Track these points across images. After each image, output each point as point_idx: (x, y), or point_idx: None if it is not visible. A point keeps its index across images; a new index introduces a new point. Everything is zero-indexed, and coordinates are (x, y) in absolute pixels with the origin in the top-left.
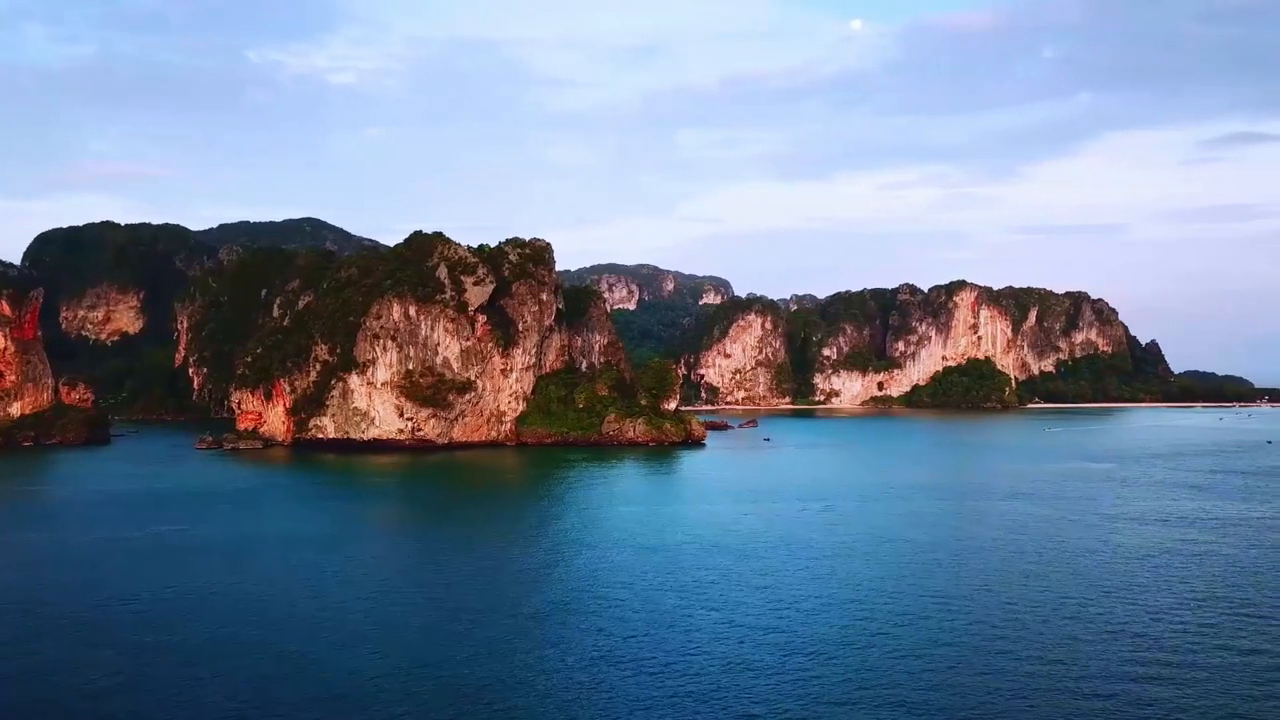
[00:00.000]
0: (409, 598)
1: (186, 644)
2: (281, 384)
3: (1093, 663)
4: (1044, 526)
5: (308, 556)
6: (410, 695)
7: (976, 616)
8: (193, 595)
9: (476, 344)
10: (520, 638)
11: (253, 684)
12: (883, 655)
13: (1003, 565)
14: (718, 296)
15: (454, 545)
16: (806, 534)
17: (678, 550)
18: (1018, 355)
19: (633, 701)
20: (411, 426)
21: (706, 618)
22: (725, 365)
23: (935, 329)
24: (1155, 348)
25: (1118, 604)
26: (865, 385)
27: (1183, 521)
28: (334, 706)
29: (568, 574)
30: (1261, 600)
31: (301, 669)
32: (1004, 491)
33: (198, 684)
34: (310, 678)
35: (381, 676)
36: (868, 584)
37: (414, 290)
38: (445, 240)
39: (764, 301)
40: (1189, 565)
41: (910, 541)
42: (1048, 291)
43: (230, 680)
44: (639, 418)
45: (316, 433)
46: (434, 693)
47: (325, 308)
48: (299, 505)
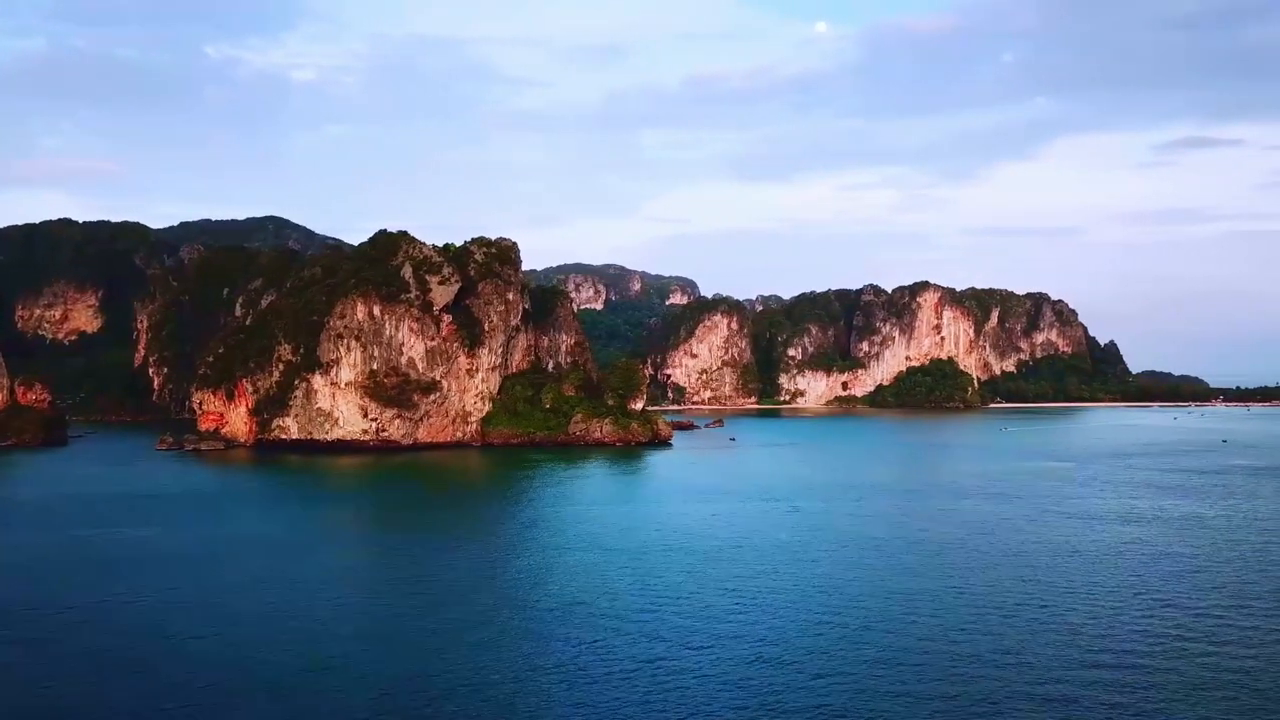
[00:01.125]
0: (372, 602)
1: (146, 653)
2: (244, 384)
3: (1055, 663)
4: (1006, 526)
5: (272, 562)
6: (381, 698)
7: (942, 618)
8: (150, 603)
9: (442, 344)
10: (487, 641)
11: (213, 690)
12: (849, 658)
13: (966, 565)
14: (684, 297)
15: (419, 549)
16: (773, 534)
17: (645, 551)
18: (980, 355)
19: (603, 705)
20: (376, 427)
21: (674, 620)
22: (692, 365)
23: (899, 329)
24: (1114, 348)
25: (1079, 603)
26: (830, 385)
27: (1141, 520)
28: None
29: (535, 576)
30: (1218, 599)
31: (265, 675)
32: (966, 491)
33: (155, 695)
34: (275, 683)
35: (347, 681)
36: (833, 585)
37: (378, 290)
38: (410, 239)
39: (730, 302)
40: (1148, 564)
41: (875, 541)
42: (1009, 292)
43: (187, 689)
44: (606, 418)
45: (279, 433)
46: (400, 698)
47: (288, 307)
48: (262, 508)
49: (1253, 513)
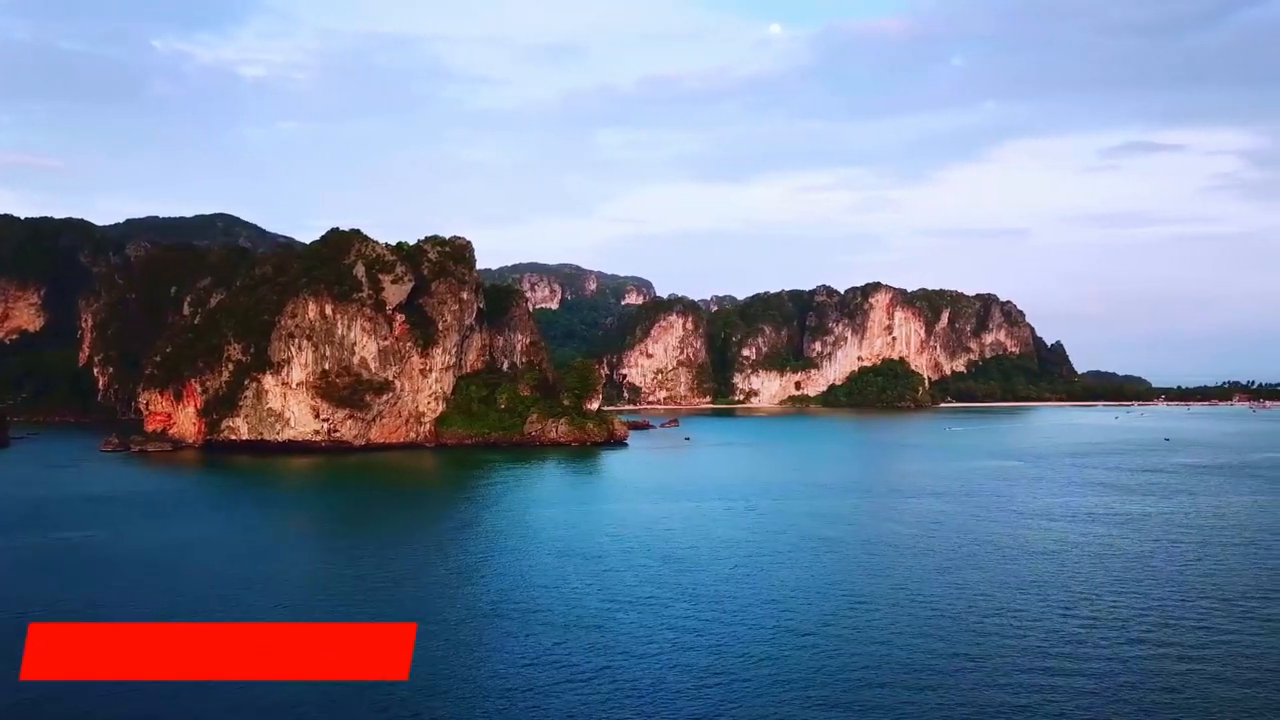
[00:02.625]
0: (322, 605)
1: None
2: (192, 384)
3: (1008, 661)
4: (957, 525)
5: (223, 565)
6: (330, 705)
7: (897, 619)
8: (101, 612)
9: (395, 343)
10: (443, 645)
11: (165, 696)
12: (806, 661)
13: (920, 565)
14: (640, 297)
15: (371, 551)
16: (729, 534)
17: (600, 552)
18: (930, 356)
19: (559, 711)
20: (328, 428)
21: (631, 623)
22: (647, 365)
23: (851, 330)
24: (1060, 348)
25: (1030, 603)
26: (783, 385)
27: (1088, 519)
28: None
29: (490, 578)
30: (1164, 595)
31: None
32: (918, 490)
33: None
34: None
35: (293, 690)
36: (789, 586)
37: (330, 289)
38: (362, 238)
39: (685, 302)
40: (1096, 563)
41: (829, 541)
42: (959, 293)
43: (142, 694)
44: (561, 418)
45: (229, 434)
46: (354, 703)
47: (238, 306)
48: (212, 509)
49: (1194, 510)
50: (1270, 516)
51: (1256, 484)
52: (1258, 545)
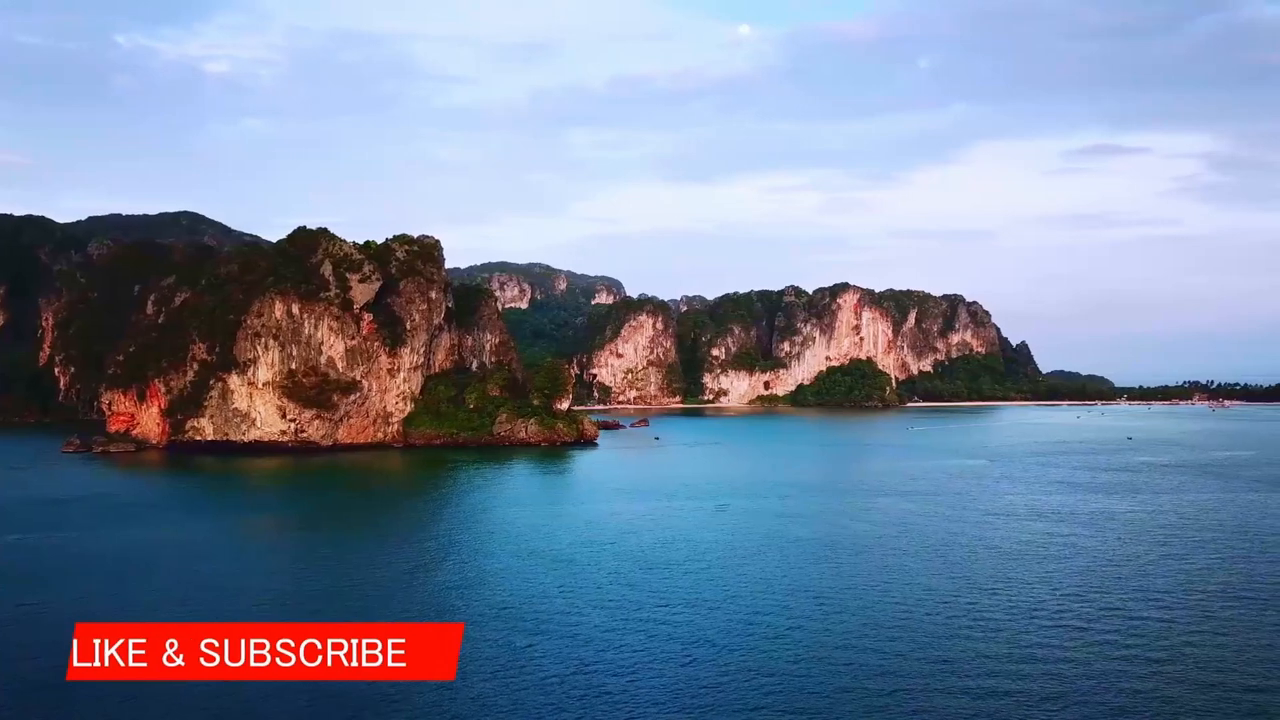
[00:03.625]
0: (286, 609)
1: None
2: (156, 384)
3: (976, 662)
4: (925, 523)
5: (190, 567)
6: (306, 708)
7: (867, 617)
8: (62, 617)
9: (362, 343)
10: None
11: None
12: (778, 659)
13: (888, 564)
14: (610, 296)
15: (338, 553)
16: (700, 533)
17: (571, 552)
18: (898, 355)
19: (532, 711)
20: (295, 428)
21: (602, 623)
22: (617, 365)
23: (819, 330)
24: (1025, 348)
25: (999, 600)
26: (752, 384)
27: (1054, 517)
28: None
29: (458, 580)
30: (1129, 594)
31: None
32: (885, 489)
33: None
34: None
35: (263, 691)
36: (760, 584)
37: (297, 287)
38: (330, 236)
39: (655, 302)
40: (1062, 561)
41: (799, 539)
42: (926, 294)
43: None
44: (531, 418)
45: (194, 434)
46: (323, 708)
47: (203, 305)
48: (177, 511)
49: (1158, 508)
50: (1230, 514)
51: (1218, 482)
52: (1219, 543)
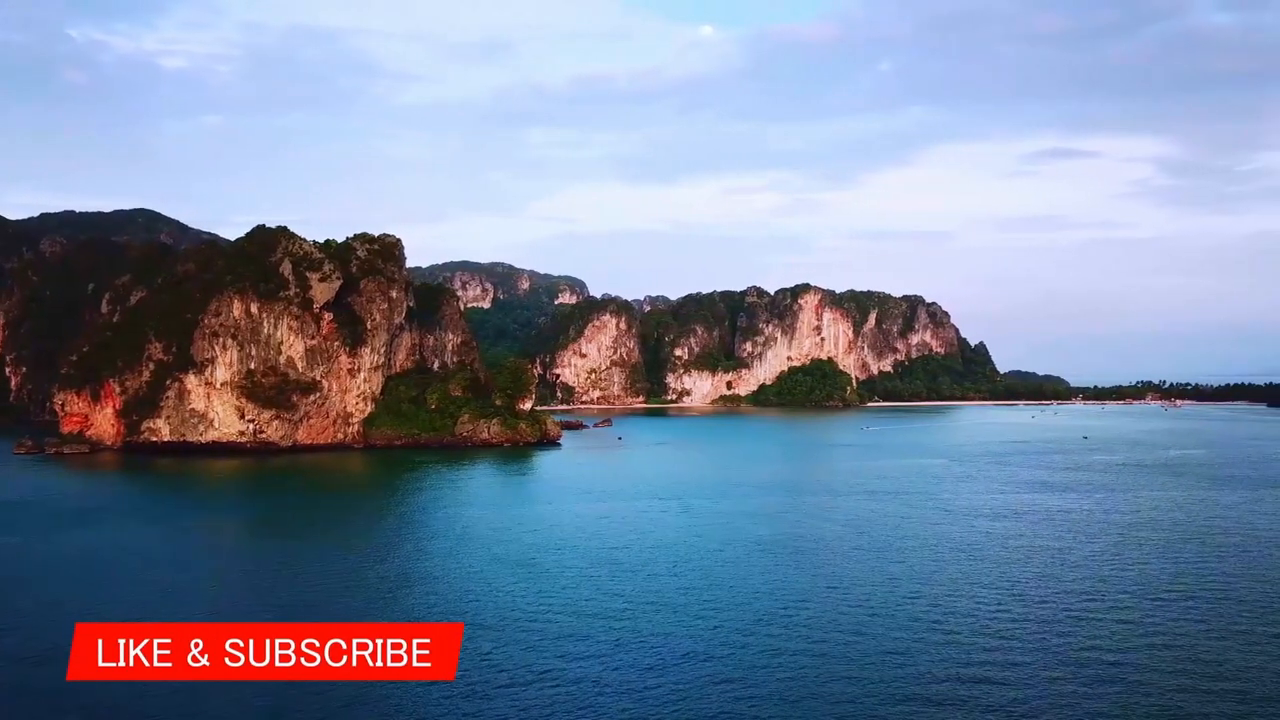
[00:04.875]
0: (245, 613)
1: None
2: (111, 384)
3: (940, 659)
4: (885, 523)
5: (146, 572)
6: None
7: (830, 617)
8: (11, 624)
9: (322, 343)
10: None
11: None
12: (742, 661)
13: (851, 564)
14: (573, 296)
15: (298, 557)
16: (663, 533)
17: (534, 554)
18: (858, 356)
19: (499, 713)
20: (253, 428)
21: (567, 626)
22: (581, 365)
23: (781, 330)
24: (983, 349)
25: (961, 599)
26: (715, 384)
27: (1012, 516)
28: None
29: (421, 582)
30: (1089, 590)
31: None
32: (846, 488)
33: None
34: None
35: (237, 696)
36: (725, 584)
37: (256, 287)
38: (289, 235)
39: (619, 302)
40: (1023, 558)
41: (762, 539)
42: (886, 295)
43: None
44: (493, 418)
45: (150, 435)
46: (289, 716)
47: (160, 304)
48: (133, 514)
49: (1114, 506)
50: (1185, 513)
51: (1172, 480)
52: (1174, 541)
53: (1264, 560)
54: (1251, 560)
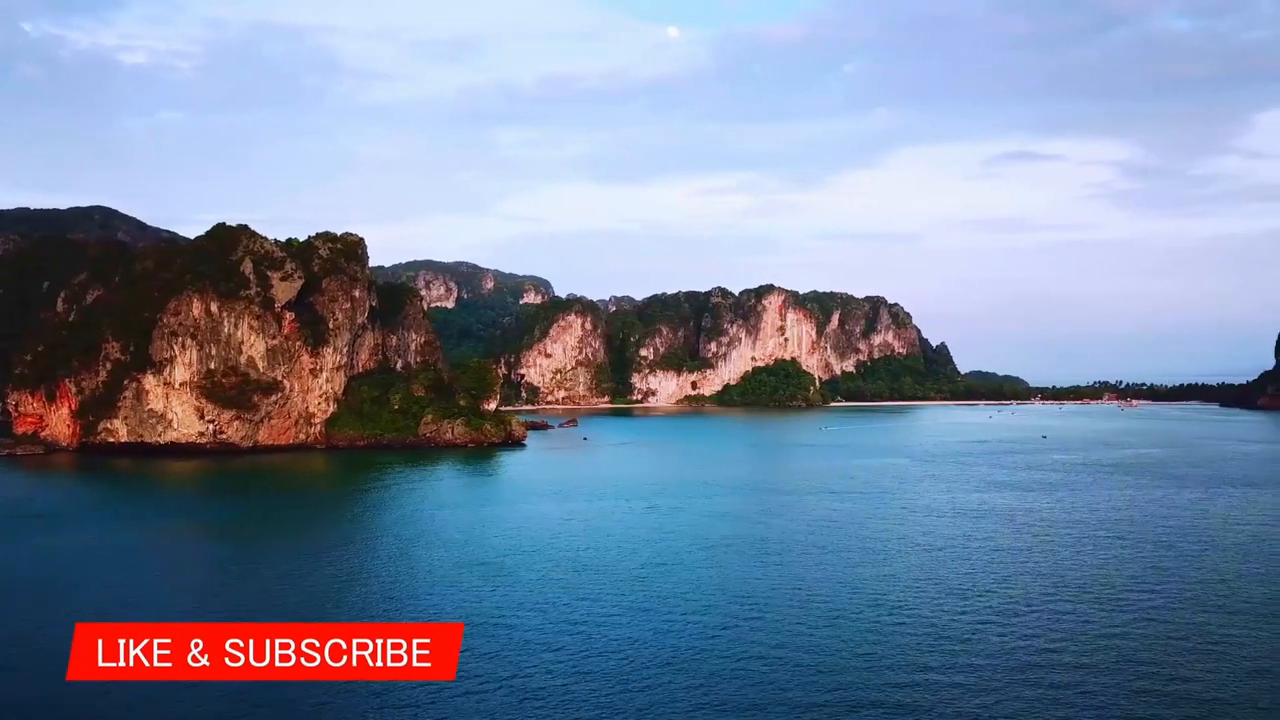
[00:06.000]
0: (222, 616)
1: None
2: (67, 384)
3: (902, 667)
4: (850, 521)
5: (106, 575)
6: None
7: (796, 618)
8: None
9: (284, 342)
10: None
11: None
12: (711, 658)
13: (815, 561)
14: (538, 296)
15: (262, 558)
16: (629, 534)
17: (500, 555)
18: (822, 356)
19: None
20: (213, 429)
21: (535, 626)
22: (546, 365)
23: (745, 330)
24: (945, 349)
25: (925, 598)
26: (680, 385)
27: (975, 515)
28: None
29: (385, 585)
30: (1051, 590)
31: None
32: (808, 487)
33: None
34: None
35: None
36: (691, 584)
37: (216, 285)
38: (251, 233)
39: (584, 302)
40: (985, 557)
41: (728, 538)
42: (849, 295)
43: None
44: (457, 419)
45: (106, 436)
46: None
47: (117, 303)
48: (89, 517)
49: (1072, 505)
50: (1142, 511)
51: (1129, 479)
52: (1132, 539)
53: (1220, 559)
54: (1207, 559)
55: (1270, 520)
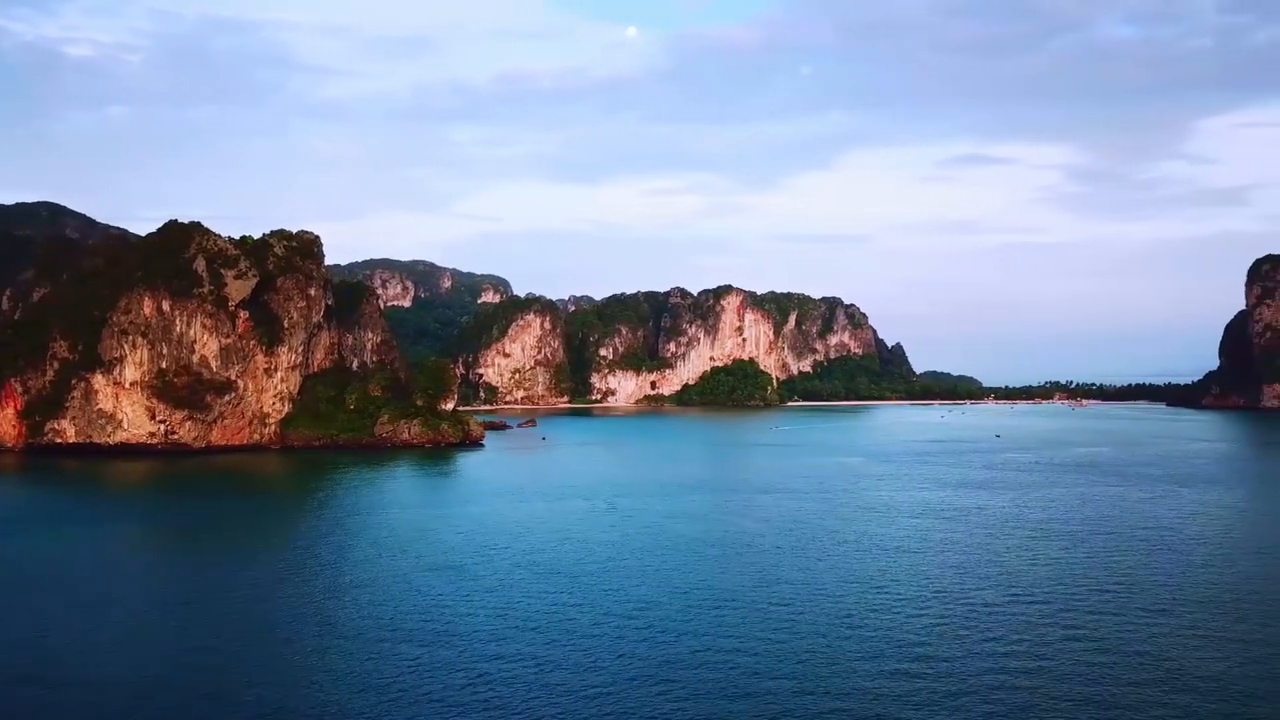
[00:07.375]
0: (170, 628)
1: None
2: (12, 384)
3: (863, 661)
4: (806, 520)
5: (54, 581)
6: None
7: (755, 616)
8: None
9: (237, 341)
10: (291, 667)
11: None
12: (674, 660)
13: (775, 561)
14: (496, 295)
15: (216, 565)
16: (590, 534)
17: (459, 558)
18: (779, 356)
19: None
20: (165, 429)
21: (495, 630)
22: (504, 365)
23: (704, 331)
24: (900, 349)
25: (885, 597)
26: (639, 384)
27: (931, 514)
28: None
29: (342, 591)
30: (1004, 588)
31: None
32: (766, 486)
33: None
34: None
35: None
36: (652, 585)
37: (168, 283)
38: (204, 230)
39: (543, 301)
40: (942, 556)
41: (688, 538)
42: (806, 296)
43: None
44: (414, 419)
45: (54, 437)
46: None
47: (65, 301)
48: (33, 520)
49: (1025, 503)
50: (1094, 509)
51: (1079, 476)
52: (1085, 536)
53: (1170, 553)
54: (1158, 554)
55: (1218, 517)
